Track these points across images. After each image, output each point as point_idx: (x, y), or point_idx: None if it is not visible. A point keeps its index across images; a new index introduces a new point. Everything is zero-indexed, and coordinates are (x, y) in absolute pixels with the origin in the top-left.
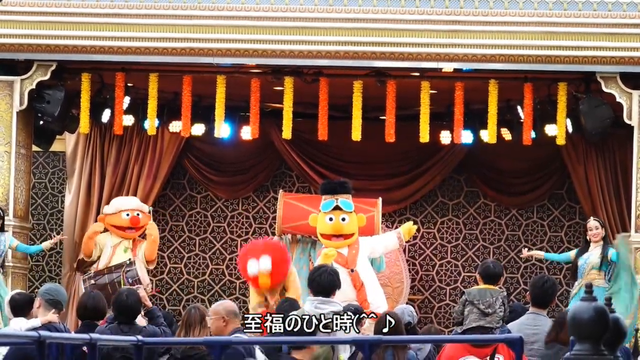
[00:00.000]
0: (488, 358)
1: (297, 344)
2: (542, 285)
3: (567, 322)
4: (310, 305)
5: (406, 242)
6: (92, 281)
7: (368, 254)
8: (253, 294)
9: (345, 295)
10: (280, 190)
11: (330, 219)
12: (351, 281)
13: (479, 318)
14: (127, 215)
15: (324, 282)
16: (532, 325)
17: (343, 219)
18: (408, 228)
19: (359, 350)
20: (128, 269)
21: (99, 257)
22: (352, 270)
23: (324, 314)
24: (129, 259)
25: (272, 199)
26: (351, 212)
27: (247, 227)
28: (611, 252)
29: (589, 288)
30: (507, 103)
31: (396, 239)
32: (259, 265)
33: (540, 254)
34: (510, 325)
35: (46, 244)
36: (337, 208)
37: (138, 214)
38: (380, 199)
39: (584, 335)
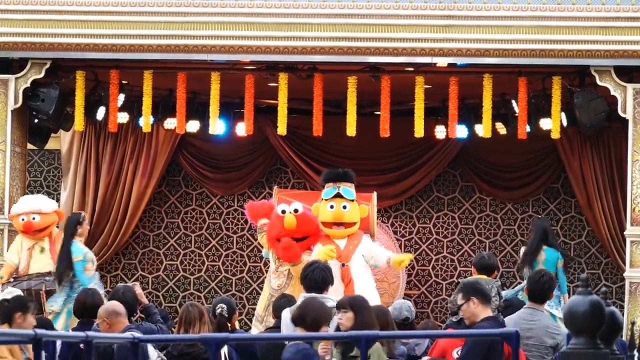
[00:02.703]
0: None
1: (295, 340)
2: (538, 280)
3: None
4: None
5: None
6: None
7: (364, 253)
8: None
9: (333, 289)
10: (275, 187)
11: (332, 207)
12: (340, 275)
13: None
14: (22, 219)
15: (316, 278)
16: (529, 320)
17: (344, 207)
18: (400, 260)
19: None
20: (47, 278)
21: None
22: (343, 265)
23: None
24: (50, 271)
25: (267, 195)
26: (353, 201)
27: (242, 223)
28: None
29: (585, 282)
30: (501, 97)
31: (385, 263)
32: (290, 207)
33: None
34: (506, 320)
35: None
36: (338, 195)
37: (34, 218)
38: (375, 193)
39: (580, 329)
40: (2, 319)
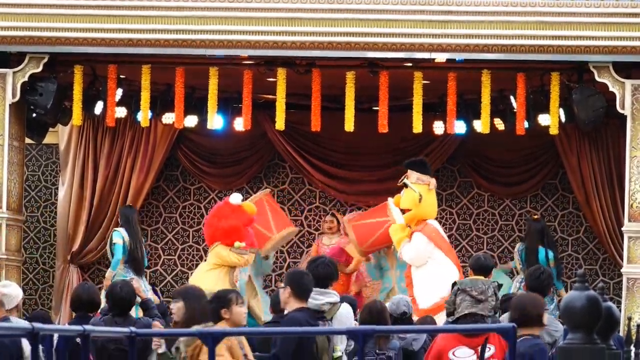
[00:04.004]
0: (479, 348)
1: (290, 335)
2: (538, 277)
3: None
4: None
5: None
6: None
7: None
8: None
9: None
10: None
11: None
12: None
13: (472, 305)
14: None
15: (321, 274)
16: None
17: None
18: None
19: (353, 340)
20: None
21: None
22: None
23: (320, 304)
24: None
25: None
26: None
27: None
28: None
29: (582, 277)
30: (500, 93)
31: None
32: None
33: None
34: (505, 316)
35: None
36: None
37: None
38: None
39: (577, 324)
40: (214, 319)
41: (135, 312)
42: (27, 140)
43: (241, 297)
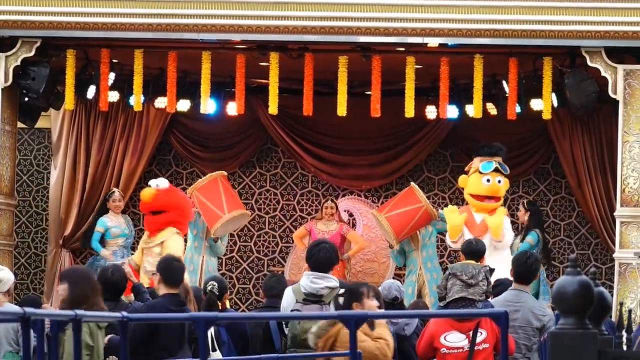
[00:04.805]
0: (471, 332)
1: (284, 320)
2: (525, 262)
3: None
4: (306, 279)
5: None
6: None
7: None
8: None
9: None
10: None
11: (488, 180)
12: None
13: (462, 289)
14: None
15: (322, 259)
16: (515, 301)
17: (499, 181)
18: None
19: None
20: None
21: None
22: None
23: (318, 288)
24: None
25: (257, 175)
26: (505, 176)
27: None
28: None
29: (574, 262)
30: (492, 78)
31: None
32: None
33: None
34: (493, 301)
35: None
36: (496, 170)
37: None
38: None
39: (569, 309)
40: None
41: None
42: (20, 125)
43: (372, 290)
